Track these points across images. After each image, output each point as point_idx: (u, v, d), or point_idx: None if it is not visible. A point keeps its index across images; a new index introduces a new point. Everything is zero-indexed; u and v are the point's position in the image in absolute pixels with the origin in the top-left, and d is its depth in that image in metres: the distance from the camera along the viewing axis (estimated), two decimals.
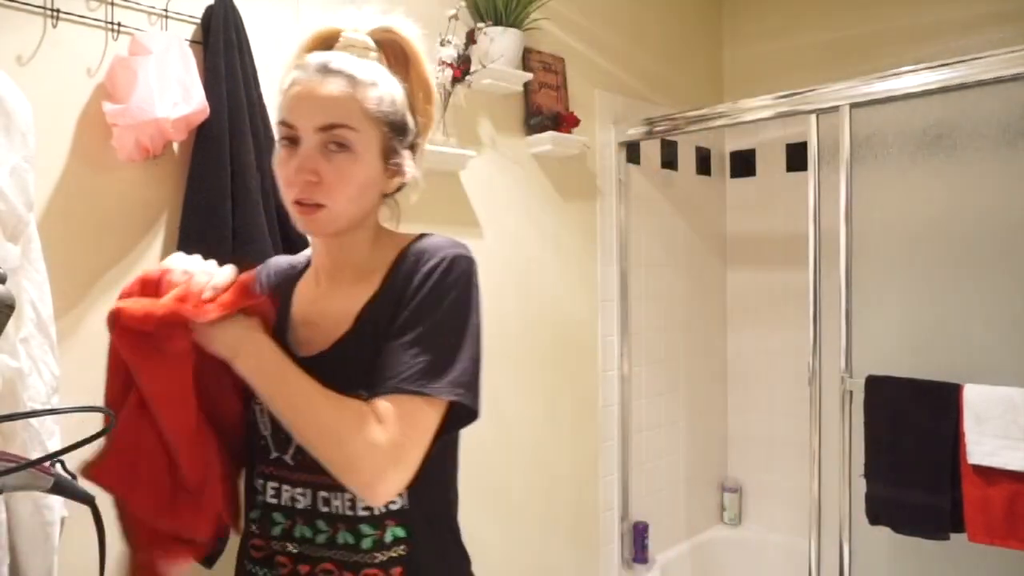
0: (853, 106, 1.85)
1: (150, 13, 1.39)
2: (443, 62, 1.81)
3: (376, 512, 0.85)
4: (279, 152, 0.87)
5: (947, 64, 1.70)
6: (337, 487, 0.82)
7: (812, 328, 1.95)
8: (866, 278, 1.94)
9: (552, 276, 2.23)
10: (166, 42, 1.33)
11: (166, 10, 1.40)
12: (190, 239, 1.38)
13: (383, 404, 0.78)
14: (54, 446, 1.13)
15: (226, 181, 1.38)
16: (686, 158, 2.75)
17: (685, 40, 2.79)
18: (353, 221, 0.88)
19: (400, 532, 0.86)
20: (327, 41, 0.90)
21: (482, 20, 1.94)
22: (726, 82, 2.95)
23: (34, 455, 1.06)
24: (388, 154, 0.88)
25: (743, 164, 2.89)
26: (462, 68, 1.85)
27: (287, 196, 0.86)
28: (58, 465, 0.79)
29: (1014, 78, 1.62)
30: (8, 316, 0.69)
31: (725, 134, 2.90)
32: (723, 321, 2.91)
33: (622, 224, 2.42)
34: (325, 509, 0.86)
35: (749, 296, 2.86)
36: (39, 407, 1.08)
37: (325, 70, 0.84)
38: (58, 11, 1.28)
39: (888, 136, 2.07)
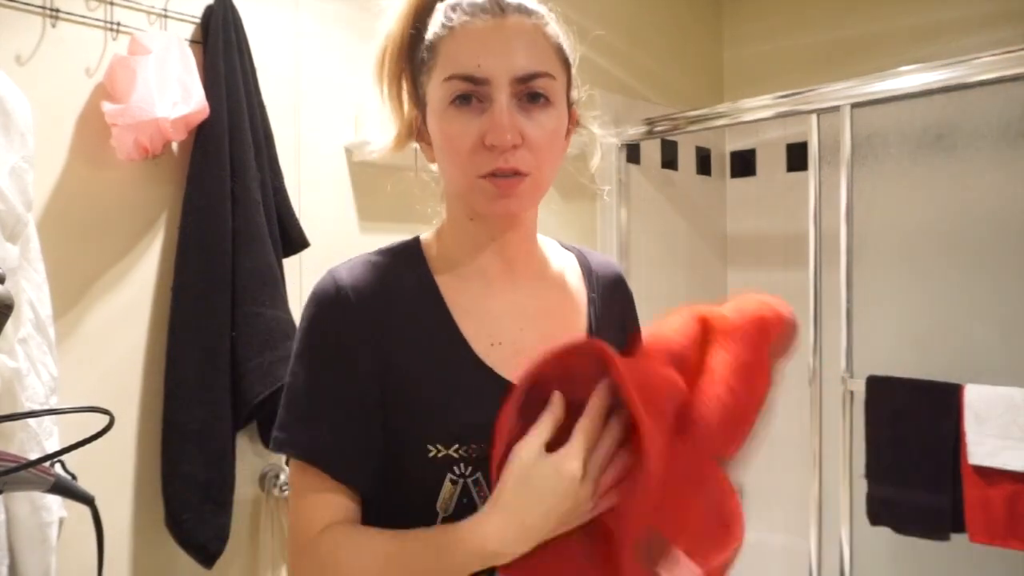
0: (854, 106, 1.84)
1: (149, 13, 1.39)
2: None
3: None
4: (447, 115, 0.68)
5: (947, 64, 1.69)
6: None
7: (812, 328, 1.94)
8: (866, 278, 1.94)
9: None
10: (165, 42, 1.33)
11: (165, 10, 1.40)
12: (189, 239, 1.38)
13: None
14: (52, 446, 1.13)
15: (226, 181, 1.38)
16: (686, 158, 2.75)
17: (685, 40, 2.79)
18: (545, 193, 0.74)
19: None
20: None
21: None
22: (726, 82, 2.94)
23: (32, 455, 1.05)
24: (569, 106, 0.75)
25: (743, 164, 2.88)
26: None
27: (469, 170, 0.67)
28: (57, 465, 0.79)
29: (1014, 78, 1.62)
30: (7, 316, 0.69)
31: (725, 134, 2.90)
32: None
33: (622, 224, 2.42)
34: None
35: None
36: (37, 407, 1.08)
37: (500, 5, 0.67)
38: (57, 11, 1.27)
39: (888, 136, 2.07)
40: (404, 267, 0.74)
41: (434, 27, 0.69)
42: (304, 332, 0.71)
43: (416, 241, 0.78)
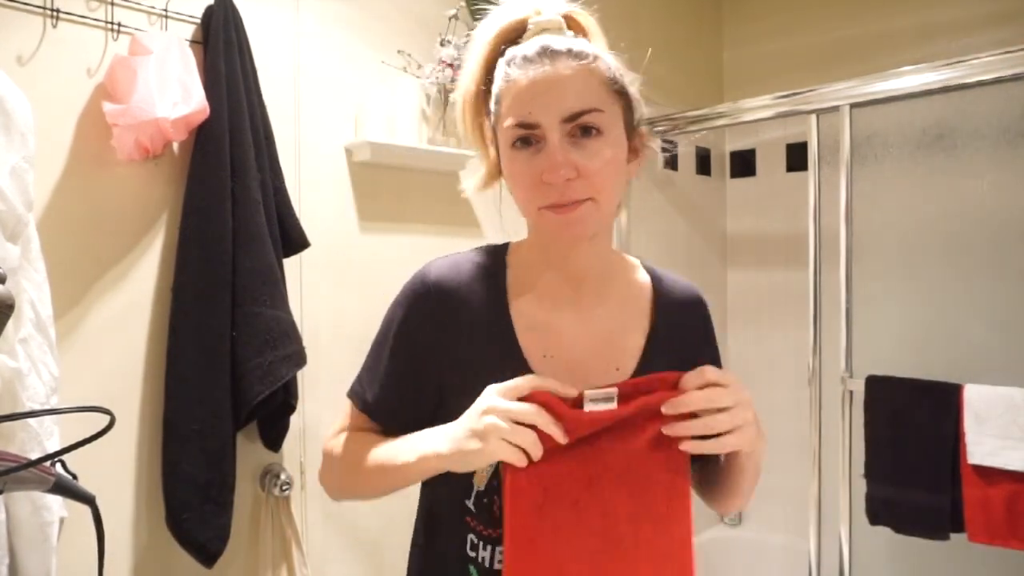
0: (853, 106, 1.84)
1: (150, 13, 1.39)
2: (443, 62, 1.81)
3: None
4: (510, 156, 0.77)
5: (947, 64, 1.69)
6: None
7: (812, 328, 1.94)
8: (866, 278, 1.94)
9: None
10: (166, 42, 1.33)
11: (166, 10, 1.40)
12: (190, 239, 1.38)
13: None
14: (53, 446, 1.13)
15: (226, 181, 1.38)
16: (686, 158, 2.75)
17: (685, 40, 2.79)
18: (611, 216, 0.81)
19: None
20: (514, 33, 0.80)
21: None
22: (726, 82, 2.95)
23: (32, 455, 1.06)
24: (629, 133, 0.80)
25: (743, 164, 2.88)
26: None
27: (532, 203, 0.76)
28: (58, 465, 0.79)
29: (1014, 78, 1.62)
30: (8, 316, 0.69)
31: (725, 134, 2.90)
32: (723, 321, 2.91)
33: (622, 224, 2.42)
34: None
35: (749, 296, 2.85)
36: (38, 407, 1.08)
37: (549, 53, 0.75)
38: (58, 11, 1.28)
39: (888, 136, 2.07)
40: (485, 277, 0.84)
41: (498, 81, 0.78)
42: (392, 310, 0.86)
43: (505, 249, 0.88)
